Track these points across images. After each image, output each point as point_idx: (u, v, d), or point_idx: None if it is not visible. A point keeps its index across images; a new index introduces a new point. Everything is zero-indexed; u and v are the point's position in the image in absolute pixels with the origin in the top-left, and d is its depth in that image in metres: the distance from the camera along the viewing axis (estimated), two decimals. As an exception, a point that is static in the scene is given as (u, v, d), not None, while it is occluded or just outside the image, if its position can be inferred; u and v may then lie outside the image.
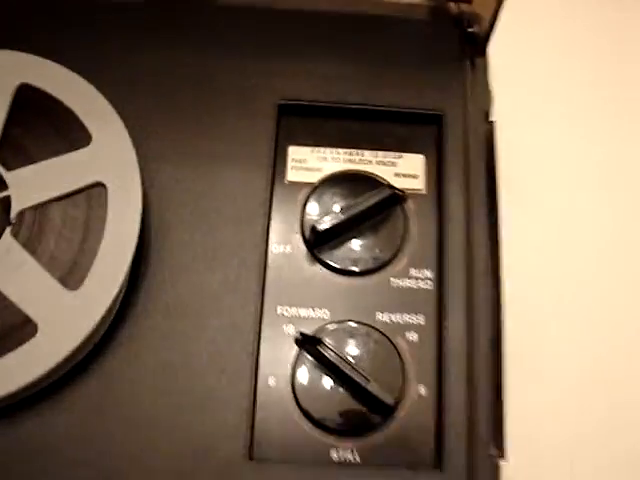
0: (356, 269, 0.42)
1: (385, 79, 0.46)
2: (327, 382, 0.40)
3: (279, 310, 0.42)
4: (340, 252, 0.42)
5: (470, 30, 0.48)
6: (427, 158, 0.45)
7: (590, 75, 0.56)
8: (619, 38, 0.59)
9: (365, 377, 0.39)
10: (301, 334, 0.40)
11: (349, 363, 0.39)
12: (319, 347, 0.39)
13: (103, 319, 0.39)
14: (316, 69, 0.46)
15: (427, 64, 0.47)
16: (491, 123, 0.48)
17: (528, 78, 0.55)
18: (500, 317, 0.43)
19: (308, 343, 0.40)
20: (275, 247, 0.43)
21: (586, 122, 0.54)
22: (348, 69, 0.46)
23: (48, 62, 0.43)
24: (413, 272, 0.42)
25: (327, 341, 0.40)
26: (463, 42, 0.48)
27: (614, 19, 0.60)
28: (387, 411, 0.39)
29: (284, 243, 0.43)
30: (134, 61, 0.46)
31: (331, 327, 0.41)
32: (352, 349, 0.40)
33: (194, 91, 0.45)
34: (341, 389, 0.39)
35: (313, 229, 0.41)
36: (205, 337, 0.40)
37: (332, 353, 0.39)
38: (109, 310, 0.39)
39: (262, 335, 0.41)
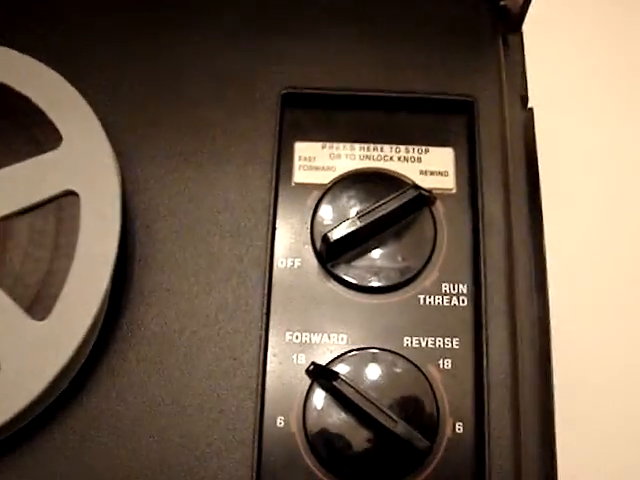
0: (378, 285, 0.34)
1: (406, 61, 0.38)
2: (347, 423, 0.32)
3: (287, 337, 0.34)
4: (358, 266, 0.34)
5: (502, 3, 0.41)
6: (457, 152, 0.37)
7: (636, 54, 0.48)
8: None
9: (392, 417, 0.31)
10: (314, 365, 0.33)
11: (372, 401, 0.31)
12: (335, 382, 0.32)
13: (77, 353, 0.31)
14: (325, 51, 0.38)
15: (454, 43, 0.39)
16: (530, 110, 0.41)
17: (564, 58, 0.48)
18: (549, 338, 0.36)
19: (322, 377, 0.33)
20: (281, 262, 0.35)
21: (633, 106, 0.47)
22: (363, 50, 0.38)
23: (10, 51, 0.35)
24: (445, 287, 0.35)
25: (345, 374, 0.33)
26: (495, 17, 0.40)
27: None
28: (419, 456, 0.32)
29: (292, 257, 0.35)
30: (114, 48, 0.38)
31: (349, 356, 0.33)
32: (375, 382, 0.33)
33: (184, 81, 0.38)
34: (364, 431, 0.32)
35: (325, 239, 0.33)
36: (200, 371, 0.33)
37: (351, 389, 0.32)
38: (84, 343, 0.31)
39: (268, 367, 0.33)
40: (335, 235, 0.33)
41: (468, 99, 0.38)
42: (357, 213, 0.34)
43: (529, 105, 0.41)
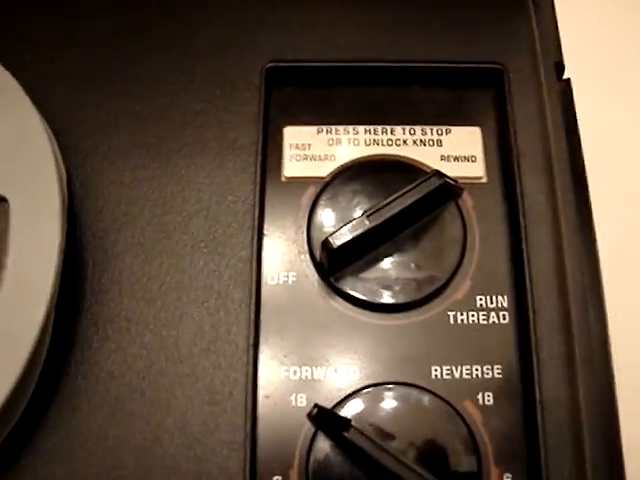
0: (395, 302, 0.26)
1: (419, 24, 0.30)
2: (363, 484, 0.24)
3: (283, 372, 0.25)
4: (370, 278, 0.26)
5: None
6: (485, 132, 0.29)
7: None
8: None
9: (422, 475, 0.23)
10: (318, 408, 0.24)
11: (396, 456, 0.23)
12: (347, 433, 0.24)
13: (7, 406, 0.23)
14: (317, 15, 0.29)
15: (477, 2, 0.31)
16: (566, 81, 0.32)
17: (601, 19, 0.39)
18: (609, 359, 0.28)
19: (329, 424, 0.25)
20: (272, 277, 0.26)
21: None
22: (364, 12, 0.30)
23: None
24: (481, 300, 0.26)
25: (358, 418, 0.24)
26: (521, -29, 0.32)
27: None
28: (459, 523, 0.24)
29: (285, 270, 0.27)
30: (58, 22, 0.29)
31: (363, 394, 0.25)
32: (398, 428, 0.24)
33: (145, 58, 0.29)
34: (386, 495, 0.24)
35: (327, 245, 0.25)
36: (171, 422, 0.24)
37: (368, 441, 0.23)
38: (16, 392, 0.23)
39: (258, 413, 0.25)
40: (339, 240, 0.24)
41: (496, 66, 0.29)
42: (365, 211, 0.25)
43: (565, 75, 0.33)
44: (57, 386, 0.25)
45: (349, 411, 0.25)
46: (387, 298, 0.26)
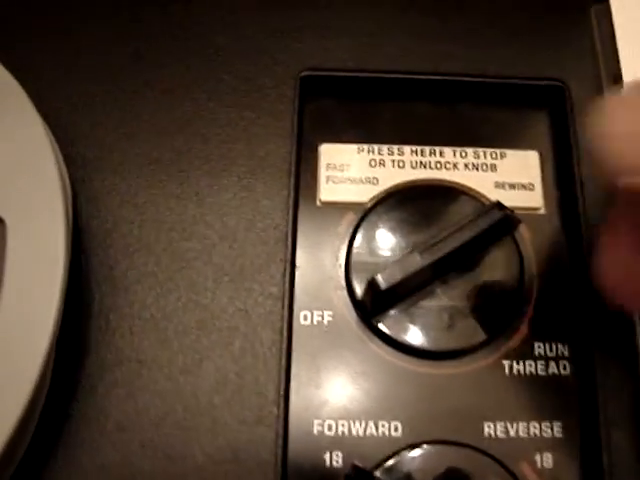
0: (444, 349, 0.23)
1: (473, 37, 0.26)
2: None
3: (316, 427, 0.22)
4: (415, 320, 0.23)
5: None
6: (543, 156, 0.26)
7: None
8: None
9: None
10: (356, 470, 0.22)
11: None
12: None
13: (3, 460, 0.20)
14: (363, 20, 0.26)
15: (532, 11, 0.27)
16: None
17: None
18: None
19: None
20: (304, 316, 0.23)
21: None
22: (412, 20, 0.27)
23: None
24: (539, 348, 0.23)
25: None
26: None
27: None
28: None
29: (319, 308, 0.23)
30: (74, 18, 0.26)
31: (407, 454, 0.22)
32: None
33: (163, 63, 0.25)
34: None
35: (374, 285, 0.22)
36: (188, 484, 0.22)
37: None
38: (7, 447, 0.20)
39: (288, 472, 0.21)
40: (387, 280, 0.21)
41: (557, 84, 0.26)
42: (416, 247, 0.22)
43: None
44: (56, 439, 0.21)
45: (391, 473, 0.22)
46: (435, 344, 0.23)
